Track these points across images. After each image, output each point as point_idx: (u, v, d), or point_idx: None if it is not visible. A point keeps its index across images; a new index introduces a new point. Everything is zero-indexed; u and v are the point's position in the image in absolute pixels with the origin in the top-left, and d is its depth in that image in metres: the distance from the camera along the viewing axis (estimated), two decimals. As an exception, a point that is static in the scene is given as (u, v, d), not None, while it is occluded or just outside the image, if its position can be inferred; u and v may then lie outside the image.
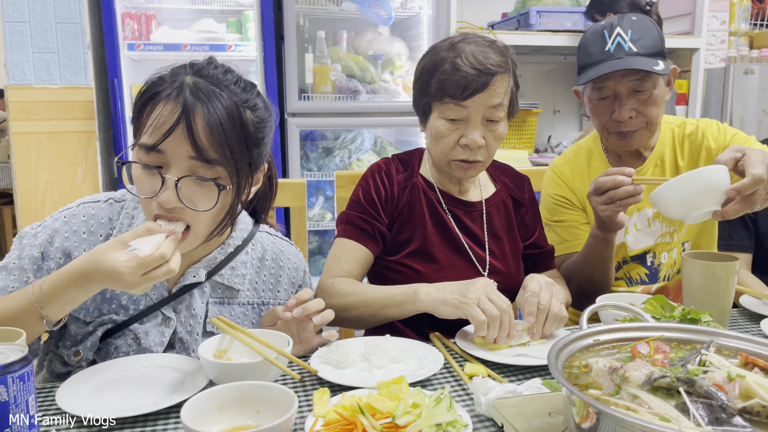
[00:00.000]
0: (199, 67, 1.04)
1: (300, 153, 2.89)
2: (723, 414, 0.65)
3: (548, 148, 3.43)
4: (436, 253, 1.36)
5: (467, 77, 1.22)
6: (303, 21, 2.88)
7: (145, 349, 1.09)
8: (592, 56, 1.47)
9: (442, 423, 0.80)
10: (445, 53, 1.26)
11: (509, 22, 3.14)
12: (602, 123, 1.52)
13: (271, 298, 1.22)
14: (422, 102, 1.32)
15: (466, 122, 1.27)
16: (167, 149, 0.98)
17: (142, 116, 1.02)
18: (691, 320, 1.06)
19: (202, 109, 0.98)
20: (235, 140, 1.00)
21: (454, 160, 1.31)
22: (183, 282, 1.12)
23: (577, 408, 0.70)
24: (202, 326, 1.14)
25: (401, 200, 1.38)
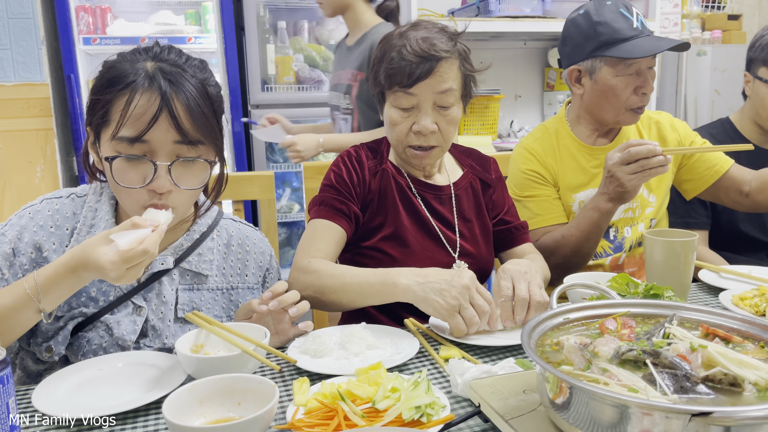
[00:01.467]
0: (155, 53, 1.07)
1: (265, 145, 2.87)
2: (687, 383, 0.68)
3: (511, 133, 3.48)
4: (408, 237, 1.38)
5: (411, 64, 1.25)
6: (263, 11, 2.85)
7: (118, 338, 1.08)
8: (621, 32, 1.51)
9: (421, 405, 0.82)
10: (395, 41, 1.29)
11: (469, 8, 3.16)
12: (622, 101, 1.55)
13: (240, 282, 1.23)
14: (376, 91, 1.35)
15: (417, 109, 1.29)
16: (152, 138, 1.01)
17: (110, 110, 1.02)
18: (654, 295, 1.10)
19: (177, 93, 1.02)
20: (209, 117, 1.06)
21: (408, 147, 1.34)
22: (152, 270, 1.13)
23: (550, 384, 0.73)
24: (173, 313, 1.15)
25: (372, 186, 1.39)
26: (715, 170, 1.67)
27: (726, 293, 1.30)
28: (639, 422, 0.63)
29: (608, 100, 1.57)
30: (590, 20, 1.54)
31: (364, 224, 1.39)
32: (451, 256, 1.40)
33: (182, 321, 1.15)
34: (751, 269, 1.48)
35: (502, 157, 1.87)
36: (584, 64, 1.58)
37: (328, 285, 1.22)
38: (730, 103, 2.00)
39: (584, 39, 1.56)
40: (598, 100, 1.59)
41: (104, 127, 1.04)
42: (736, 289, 1.33)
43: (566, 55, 1.63)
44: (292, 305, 1.11)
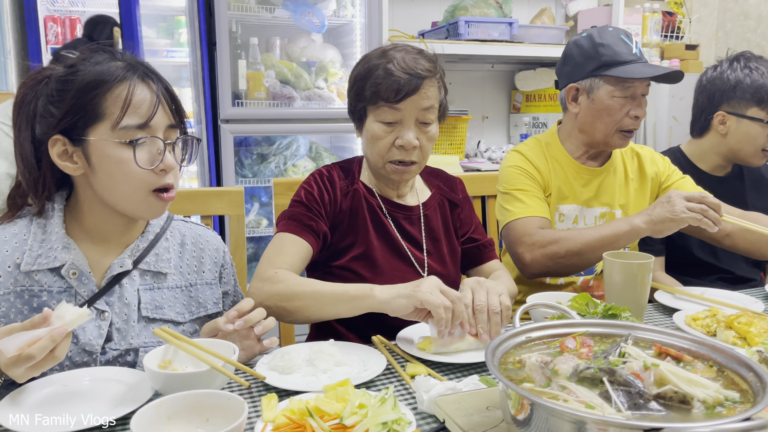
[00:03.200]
0: (112, 54, 1.13)
1: (234, 159, 2.87)
2: (640, 400, 0.72)
3: (478, 153, 3.55)
4: (377, 257, 1.40)
5: (400, 81, 1.29)
6: (235, 27, 2.87)
7: (84, 345, 1.09)
8: (622, 56, 1.60)
9: (388, 421, 0.84)
10: (377, 60, 1.33)
11: (439, 30, 3.23)
12: (616, 121, 1.63)
13: (198, 279, 1.26)
14: (358, 107, 1.38)
15: (400, 124, 1.33)
16: (153, 123, 1.09)
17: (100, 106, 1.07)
18: (612, 315, 1.15)
19: (159, 83, 1.12)
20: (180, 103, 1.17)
21: (390, 162, 1.36)
22: (111, 273, 1.14)
23: (512, 401, 0.76)
24: (137, 313, 1.15)
25: (344, 206, 1.41)
26: None
27: (680, 314, 1.36)
28: (595, 437, 0.66)
29: (602, 119, 1.64)
30: (593, 42, 1.63)
31: (333, 243, 1.41)
32: (420, 275, 1.43)
33: (146, 320, 1.16)
34: (703, 291, 1.54)
35: (469, 177, 1.92)
36: (583, 83, 1.66)
37: (297, 292, 1.22)
38: (686, 129, 2.09)
39: (586, 58, 1.64)
40: (593, 119, 1.66)
41: (95, 123, 1.07)
42: (689, 309, 1.38)
43: (565, 74, 1.71)
44: (258, 323, 1.12)
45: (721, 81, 1.91)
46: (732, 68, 1.90)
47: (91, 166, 1.09)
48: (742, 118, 1.87)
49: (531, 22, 3.51)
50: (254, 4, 2.82)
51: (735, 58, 1.92)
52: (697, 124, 2.00)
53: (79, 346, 1.09)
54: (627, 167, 1.78)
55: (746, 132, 1.88)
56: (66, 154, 1.10)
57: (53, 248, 1.11)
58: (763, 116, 1.85)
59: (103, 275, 1.15)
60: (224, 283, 1.31)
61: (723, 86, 1.90)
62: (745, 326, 1.20)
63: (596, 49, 1.62)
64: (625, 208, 1.75)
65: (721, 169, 1.99)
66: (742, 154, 1.92)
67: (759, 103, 1.85)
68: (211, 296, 1.27)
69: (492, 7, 3.22)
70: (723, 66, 1.93)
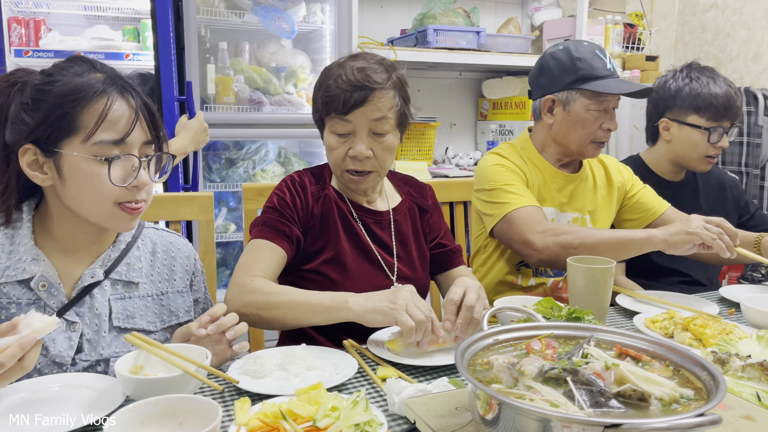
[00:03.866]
0: (94, 65, 1.11)
1: (202, 164, 2.85)
2: (602, 398, 0.76)
3: (446, 159, 3.59)
4: (348, 261, 1.42)
5: (346, 93, 1.31)
6: (204, 31, 2.86)
7: (54, 356, 1.08)
8: (598, 70, 1.66)
9: (360, 423, 0.86)
10: (334, 70, 1.36)
11: (408, 38, 3.27)
12: (590, 133, 1.70)
13: (169, 287, 1.26)
14: (316, 117, 1.42)
15: (353, 135, 1.36)
16: (129, 139, 1.08)
17: (76, 119, 1.04)
18: (575, 318, 1.19)
19: (137, 99, 1.11)
20: (159, 119, 1.16)
21: (345, 171, 1.39)
22: (82, 284, 1.13)
23: (481, 401, 0.79)
24: (108, 323, 1.15)
25: (315, 210, 1.43)
26: (651, 212, 1.86)
27: (640, 316, 1.41)
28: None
29: (577, 131, 1.70)
30: (570, 55, 1.68)
31: (305, 248, 1.42)
32: (390, 279, 1.45)
33: (117, 330, 1.16)
34: (662, 294, 1.60)
35: (437, 183, 1.95)
36: (560, 95, 1.71)
37: (274, 301, 1.24)
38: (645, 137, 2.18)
39: (563, 71, 1.70)
40: (568, 130, 1.72)
41: (70, 136, 1.05)
42: (648, 312, 1.44)
43: (541, 85, 1.75)
44: (230, 328, 1.12)
45: (664, 90, 2.00)
46: (674, 78, 1.99)
47: (62, 177, 1.07)
48: (682, 125, 1.96)
49: (498, 31, 3.58)
50: (224, 8, 2.82)
51: (681, 69, 2.01)
52: (648, 132, 2.09)
53: (48, 358, 1.08)
54: (595, 175, 1.85)
55: (688, 138, 1.96)
56: (36, 164, 1.08)
57: (22, 260, 1.09)
58: (702, 123, 1.93)
59: (73, 286, 1.13)
60: (195, 291, 1.31)
61: (665, 94, 1.99)
62: (701, 328, 1.26)
63: (574, 63, 1.68)
64: (593, 215, 1.81)
65: (676, 175, 2.07)
66: (686, 161, 2.00)
67: (697, 111, 1.93)
68: (183, 304, 1.27)
69: (460, 16, 3.27)
70: (668, 75, 2.02)
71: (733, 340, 1.20)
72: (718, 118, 1.92)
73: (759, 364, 1.05)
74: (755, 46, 3.69)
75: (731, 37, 3.83)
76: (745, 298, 1.43)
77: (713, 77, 1.94)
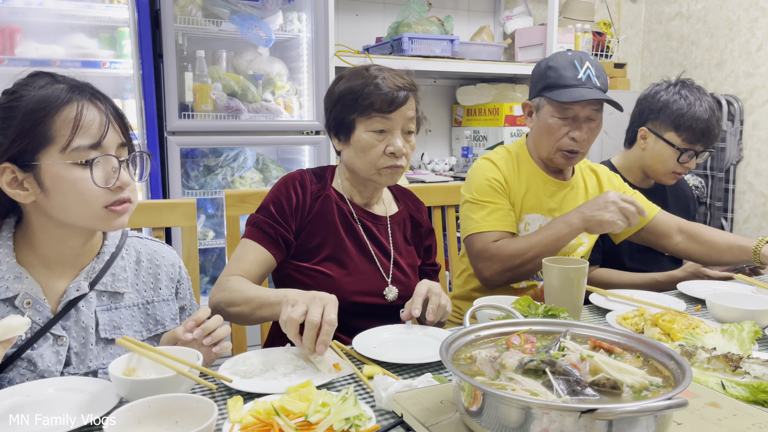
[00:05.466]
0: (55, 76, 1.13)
1: (180, 171, 2.86)
2: (578, 386, 0.81)
3: (422, 165, 3.66)
4: (346, 258, 1.48)
5: (391, 92, 1.41)
6: (182, 39, 2.87)
7: (42, 371, 1.09)
8: (565, 79, 1.70)
9: (350, 417, 0.90)
10: (363, 78, 1.44)
11: (383, 46, 3.32)
12: (555, 140, 1.74)
13: (154, 296, 1.28)
14: (347, 119, 1.46)
15: (390, 133, 1.44)
16: (105, 143, 1.10)
17: (50, 130, 1.06)
18: (551, 316, 1.25)
19: (110, 102, 1.14)
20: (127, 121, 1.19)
21: (384, 167, 1.46)
22: (67, 298, 1.14)
23: (466, 393, 0.83)
24: (95, 335, 1.17)
25: (313, 209, 1.49)
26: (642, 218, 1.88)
27: (612, 314, 1.47)
28: (540, 420, 0.75)
29: (544, 137, 1.76)
30: (546, 64, 1.75)
31: (300, 245, 1.48)
32: (385, 281, 1.52)
33: (105, 342, 1.17)
34: (633, 293, 1.67)
35: (414, 188, 2.00)
36: (534, 101, 1.79)
37: (236, 298, 1.32)
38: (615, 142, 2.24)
39: (537, 79, 1.77)
40: (538, 136, 1.79)
41: (45, 147, 1.07)
42: (620, 310, 1.50)
43: (529, 91, 1.84)
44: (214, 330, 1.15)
45: (653, 99, 2.05)
46: (666, 90, 2.03)
47: (44, 190, 1.08)
48: (659, 138, 2.02)
49: (471, 39, 3.66)
50: (201, 17, 2.84)
51: (675, 83, 2.05)
52: (627, 134, 2.15)
53: (37, 373, 1.09)
54: (587, 183, 1.91)
55: (660, 152, 2.02)
56: (16, 182, 1.09)
57: (4, 278, 1.10)
58: (677, 143, 1.99)
59: (58, 300, 1.15)
60: (180, 298, 1.34)
61: (653, 104, 2.04)
62: (669, 323, 1.32)
63: (545, 71, 1.74)
64: None
65: (645, 182, 2.14)
66: (653, 171, 2.08)
67: (676, 129, 1.98)
68: (168, 312, 1.29)
69: (434, 24, 3.34)
70: (662, 86, 2.06)
71: (699, 334, 1.27)
72: (693, 141, 1.98)
73: (723, 356, 1.12)
74: (718, 54, 3.83)
75: (695, 45, 3.97)
76: (710, 295, 1.50)
77: (700, 99, 1.97)
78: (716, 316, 1.46)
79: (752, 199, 3.72)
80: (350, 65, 3.01)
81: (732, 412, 0.90)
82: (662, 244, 1.92)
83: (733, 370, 1.10)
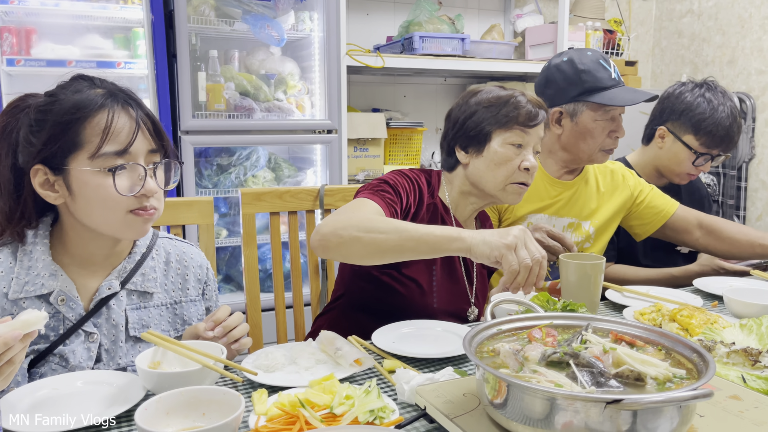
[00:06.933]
0: (93, 81, 1.15)
1: (194, 170, 2.89)
2: (602, 378, 0.82)
3: (432, 164, 3.66)
4: (438, 273, 1.51)
5: (533, 109, 1.45)
6: (195, 40, 2.90)
7: (74, 367, 1.11)
8: (603, 81, 1.72)
9: (374, 409, 0.91)
10: (505, 92, 1.46)
11: (394, 45, 3.33)
12: (600, 141, 1.76)
13: (182, 296, 1.30)
14: (484, 130, 1.45)
15: (525, 149, 1.45)
16: (133, 149, 1.11)
17: (80, 135, 1.08)
18: (570, 311, 1.25)
19: (138, 110, 1.13)
20: (162, 127, 1.19)
21: (513, 183, 1.46)
22: (99, 296, 1.17)
23: (490, 385, 0.84)
24: (125, 333, 1.19)
25: (420, 211, 1.49)
26: (662, 215, 1.91)
27: (629, 309, 1.48)
28: (565, 411, 0.75)
29: (586, 141, 1.76)
30: (575, 68, 1.74)
31: None
32: (469, 302, 1.57)
33: (134, 339, 1.20)
34: (649, 289, 1.67)
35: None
36: (567, 107, 1.77)
37: (380, 226, 1.20)
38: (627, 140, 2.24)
39: (569, 84, 1.75)
40: (576, 140, 1.78)
41: (75, 152, 1.09)
42: (637, 306, 1.51)
43: (548, 96, 1.80)
44: (235, 328, 1.16)
45: (677, 100, 2.03)
46: (692, 92, 2.01)
47: (72, 194, 1.11)
48: (677, 139, 2.02)
49: (481, 37, 3.66)
50: (214, 17, 2.86)
51: (700, 84, 2.03)
52: (646, 131, 2.15)
53: (68, 369, 1.12)
54: (599, 181, 1.91)
55: (676, 153, 2.02)
56: (48, 183, 1.12)
57: (40, 275, 1.13)
58: (695, 146, 1.98)
59: (90, 298, 1.17)
60: (206, 299, 1.35)
61: (675, 105, 2.02)
62: (687, 318, 1.33)
63: (579, 76, 1.73)
64: (593, 219, 1.87)
65: (659, 181, 2.14)
66: (667, 171, 2.08)
67: (696, 133, 1.98)
68: (196, 313, 1.31)
69: (445, 23, 3.35)
70: (687, 86, 2.04)
71: (717, 329, 1.27)
72: (711, 146, 1.98)
73: (743, 350, 1.12)
74: (730, 51, 3.81)
75: (707, 42, 3.96)
76: (728, 291, 1.50)
77: (723, 104, 1.96)
78: (734, 312, 1.46)
79: (765, 196, 3.70)
80: (362, 64, 3.02)
81: (754, 405, 0.90)
82: (682, 240, 1.93)
83: (753, 364, 1.10)
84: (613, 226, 1.92)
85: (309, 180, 3.21)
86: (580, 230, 1.85)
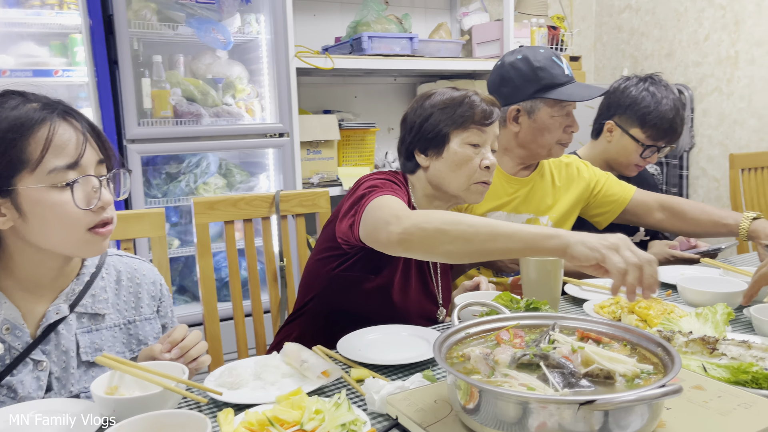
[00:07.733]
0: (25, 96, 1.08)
1: (142, 179, 2.80)
2: (573, 379, 0.82)
3: (386, 164, 3.65)
4: (411, 279, 1.53)
5: (487, 108, 1.47)
6: (137, 45, 2.80)
7: (23, 398, 1.05)
8: (558, 78, 1.75)
9: (346, 423, 0.89)
10: (459, 92, 1.48)
11: (343, 46, 3.31)
12: (557, 135, 1.79)
13: (136, 315, 1.25)
14: (441, 132, 1.46)
15: (483, 147, 1.47)
16: (83, 161, 1.06)
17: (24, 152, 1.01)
18: (534, 309, 1.26)
19: (84, 118, 1.09)
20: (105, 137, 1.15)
21: (476, 183, 1.47)
22: (46, 322, 1.10)
23: (462, 391, 0.83)
24: (76, 359, 1.13)
25: None
26: (620, 201, 1.95)
27: (588, 303, 1.50)
28: (538, 414, 0.75)
29: (544, 136, 1.79)
30: (531, 65, 1.76)
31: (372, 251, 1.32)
32: (437, 304, 1.58)
33: (86, 365, 1.14)
34: (606, 282, 1.70)
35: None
36: (524, 105, 1.79)
37: (466, 220, 1.14)
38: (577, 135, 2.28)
39: (525, 81, 1.77)
40: (534, 137, 1.80)
41: (21, 171, 1.02)
42: (596, 299, 1.53)
43: (504, 95, 1.81)
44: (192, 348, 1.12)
45: (622, 94, 2.08)
46: (636, 86, 2.07)
47: (23, 215, 1.04)
48: (625, 133, 2.08)
49: (429, 36, 3.67)
50: (156, 21, 2.77)
51: (644, 78, 2.09)
52: (594, 125, 2.19)
53: (17, 400, 1.05)
54: (554, 175, 1.93)
55: (624, 146, 2.08)
56: None
57: None
58: (642, 139, 2.05)
59: (37, 324, 1.11)
60: (162, 316, 1.30)
61: (621, 99, 2.08)
62: (645, 310, 1.36)
63: (535, 73, 1.75)
64: (551, 213, 1.90)
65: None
66: (616, 164, 2.13)
67: (642, 126, 2.04)
68: (151, 331, 1.26)
69: (393, 22, 3.34)
70: (632, 81, 2.10)
71: (674, 319, 1.30)
72: (657, 138, 2.04)
73: (701, 339, 1.15)
74: (668, 44, 3.94)
75: (645, 36, 4.08)
76: (681, 280, 1.54)
77: (667, 96, 2.03)
78: (688, 300, 1.50)
79: (705, 183, 3.85)
80: (311, 66, 2.98)
81: (717, 394, 0.93)
82: (645, 222, 1.97)
83: (711, 352, 1.13)
84: (571, 219, 1.95)
85: (262, 185, 3.16)
86: (539, 225, 1.87)
